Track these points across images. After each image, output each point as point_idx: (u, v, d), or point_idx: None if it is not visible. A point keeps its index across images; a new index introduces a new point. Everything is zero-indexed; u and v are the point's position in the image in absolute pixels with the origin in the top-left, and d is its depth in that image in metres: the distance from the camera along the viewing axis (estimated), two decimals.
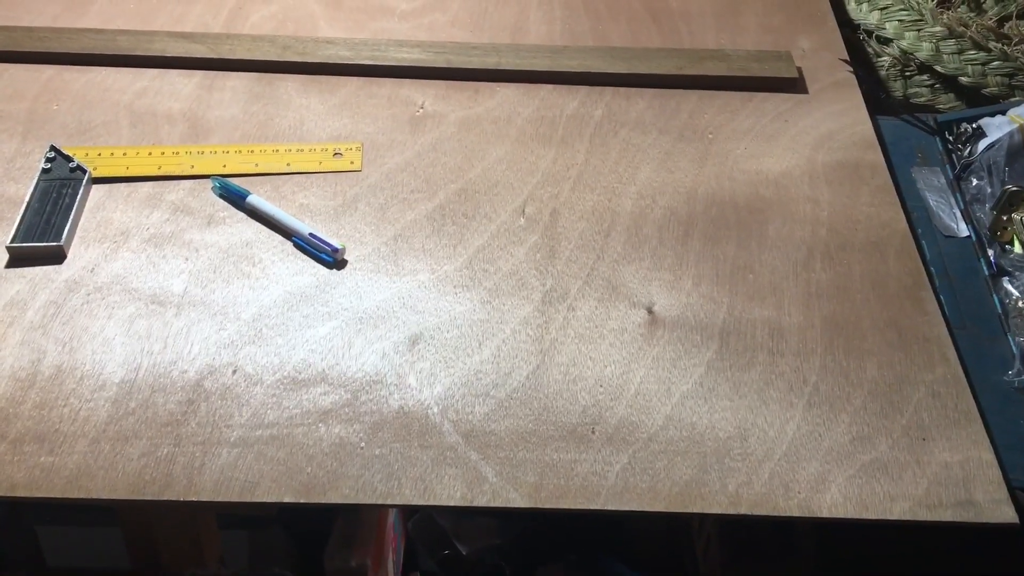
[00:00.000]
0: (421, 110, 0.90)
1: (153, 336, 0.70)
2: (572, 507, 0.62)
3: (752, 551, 0.88)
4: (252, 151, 0.85)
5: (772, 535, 0.85)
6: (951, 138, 0.90)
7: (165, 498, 0.61)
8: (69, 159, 0.82)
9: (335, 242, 0.76)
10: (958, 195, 0.84)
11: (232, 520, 0.93)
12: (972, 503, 0.62)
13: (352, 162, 0.84)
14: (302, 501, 0.61)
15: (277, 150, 0.85)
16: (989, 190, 0.83)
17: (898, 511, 0.62)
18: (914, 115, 0.92)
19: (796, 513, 0.62)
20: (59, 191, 0.79)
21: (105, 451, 0.63)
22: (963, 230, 0.82)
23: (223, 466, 0.63)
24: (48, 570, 0.96)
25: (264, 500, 0.61)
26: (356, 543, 0.91)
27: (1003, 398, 0.69)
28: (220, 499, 0.61)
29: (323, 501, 0.61)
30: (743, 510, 0.62)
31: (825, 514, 0.62)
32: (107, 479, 0.62)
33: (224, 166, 0.83)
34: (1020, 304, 0.75)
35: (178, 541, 0.83)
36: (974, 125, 0.89)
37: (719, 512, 0.62)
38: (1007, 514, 0.62)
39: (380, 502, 0.62)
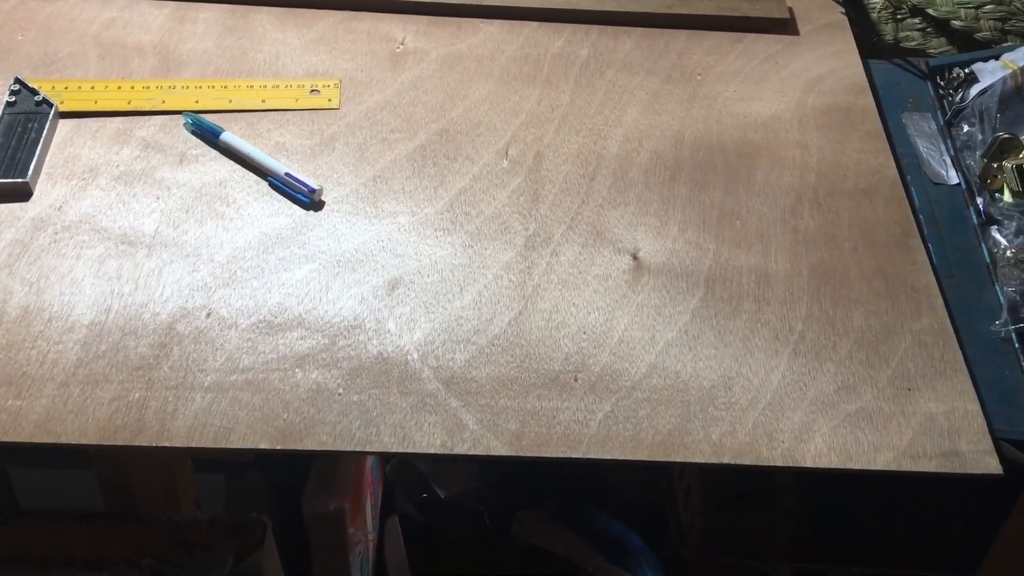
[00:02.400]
0: (401, 46, 0.87)
1: (123, 277, 0.68)
2: (554, 455, 0.61)
3: (733, 500, 0.88)
4: (226, 86, 0.82)
5: (754, 484, 0.85)
6: (943, 83, 0.88)
7: (137, 443, 0.60)
8: (35, 92, 0.78)
9: (312, 182, 0.74)
10: (949, 142, 0.83)
11: (208, 464, 0.92)
12: (957, 454, 0.62)
13: (330, 99, 0.82)
14: (278, 448, 0.60)
15: (252, 86, 0.82)
16: (980, 137, 0.81)
17: (882, 461, 0.61)
18: (906, 59, 0.90)
19: (780, 463, 0.61)
20: (24, 125, 0.76)
21: (75, 395, 0.62)
22: (953, 177, 0.80)
23: (197, 411, 0.61)
24: (22, 513, 0.95)
25: (239, 446, 0.60)
26: (334, 488, 0.90)
27: (989, 348, 0.69)
28: (194, 445, 0.60)
29: (299, 448, 0.60)
30: (726, 459, 0.61)
31: (809, 464, 0.61)
32: (77, 424, 0.60)
33: (196, 102, 0.80)
34: (1008, 253, 0.74)
35: (153, 486, 0.82)
36: (966, 70, 0.87)
37: (702, 461, 0.61)
38: (991, 465, 0.61)
39: (358, 449, 0.60)
